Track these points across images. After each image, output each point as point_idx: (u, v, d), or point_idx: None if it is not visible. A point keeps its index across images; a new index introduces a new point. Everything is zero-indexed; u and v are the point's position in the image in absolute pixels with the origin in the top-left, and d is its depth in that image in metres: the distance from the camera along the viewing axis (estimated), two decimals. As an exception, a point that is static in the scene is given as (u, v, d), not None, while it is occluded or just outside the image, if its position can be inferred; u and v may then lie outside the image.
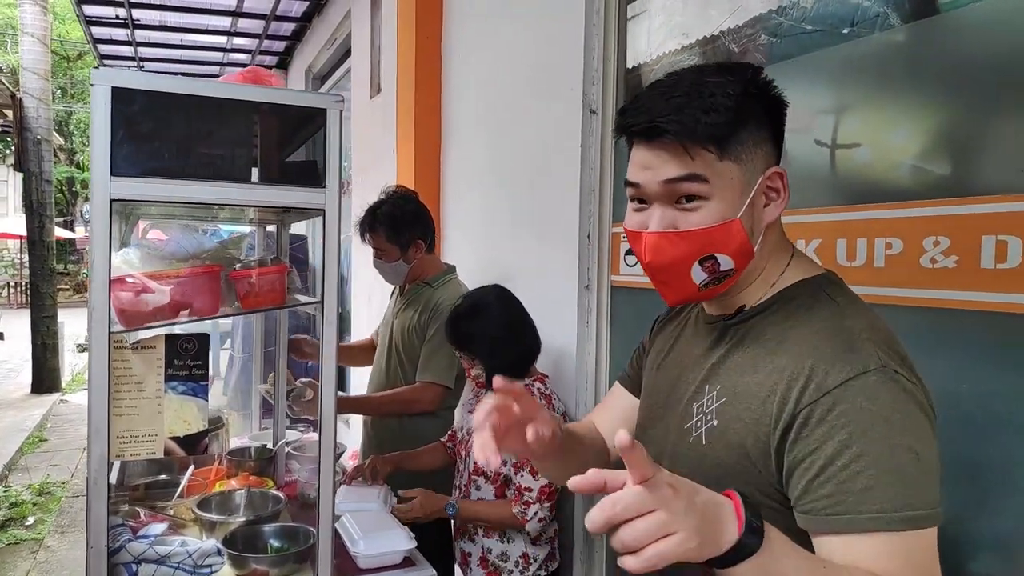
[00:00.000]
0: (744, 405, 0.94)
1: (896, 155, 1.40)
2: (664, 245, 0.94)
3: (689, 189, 0.92)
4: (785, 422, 0.88)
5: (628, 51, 2.23)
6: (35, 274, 8.45)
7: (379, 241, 2.54)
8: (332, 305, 1.66)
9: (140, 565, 1.56)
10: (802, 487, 0.86)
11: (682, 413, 1.05)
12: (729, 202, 0.92)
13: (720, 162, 0.91)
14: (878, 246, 1.41)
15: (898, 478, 0.82)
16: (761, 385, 0.92)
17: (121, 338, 1.52)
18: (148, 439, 1.55)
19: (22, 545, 4.50)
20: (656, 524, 0.67)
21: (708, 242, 0.93)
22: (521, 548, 2.07)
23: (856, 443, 0.82)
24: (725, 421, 0.96)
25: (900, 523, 0.81)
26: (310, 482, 2.33)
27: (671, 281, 0.97)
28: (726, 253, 0.93)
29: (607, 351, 2.27)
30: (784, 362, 0.91)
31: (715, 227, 0.92)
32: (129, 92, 1.48)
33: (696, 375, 1.05)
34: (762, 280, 1.01)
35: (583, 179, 2.26)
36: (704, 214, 0.92)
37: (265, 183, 1.65)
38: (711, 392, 1.00)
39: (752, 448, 0.91)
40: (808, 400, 0.86)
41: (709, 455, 0.97)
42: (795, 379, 0.88)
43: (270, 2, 5.95)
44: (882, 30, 1.43)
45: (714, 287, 0.97)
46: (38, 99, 8.11)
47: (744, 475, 0.92)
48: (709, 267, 0.94)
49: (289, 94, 1.67)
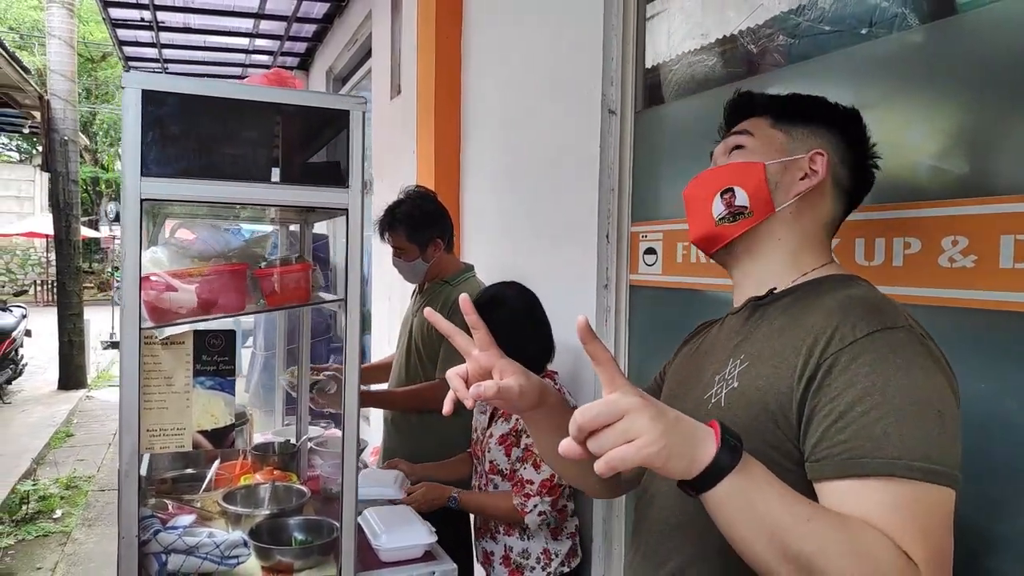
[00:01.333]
0: (768, 363, 0.96)
1: (914, 155, 1.41)
2: (703, 176, 1.15)
3: (737, 140, 1.13)
4: (810, 371, 0.89)
5: (647, 52, 2.24)
6: (62, 273, 8.60)
7: (399, 240, 2.56)
8: (355, 303, 1.70)
9: (169, 555, 1.60)
10: (819, 434, 0.85)
11: (704, 387, 1.07)
12: (762, 154, 1.10)
13: (770, 129, 1.12)
14: (896, 246, 1.42)
15: (918, 430, 0.81)
16: (786, 344, 0.95)
17: (151, 334, 1.56)
18: (177, 432, 1.59)
19: (50, 537, 4.59)
20: (622, 430, 0.71)
21: (731, 175, 1.10)
22: (542, 544, 2.06)
23: (879, 391, 0.83)
24: (746, 381, 0.98)
25: (915, 472, 0.79)
26: (332, 477, 2.37)
27: (697, 211, 1.14)
28: (743, 187, 1.08)
29: (625, 350, 2.28)
30: (812, 322, 0.94)
31: (743, 164, 1.10)
32: (159, 95, 1.53)
33: (722, 354, 1.09)
34: (793, 264, 1.09)
35: (602, 179, 2.28)
36: (738, 156, 1.12)
37: (290, 183, 1.69)
38: (734, 361, 1.03)
39: (772, 402, 0.92)
40: (833, 349, 0.87)
41: (726, 416, 0.97)
42: (821, 333, 0.90)
43: (292, 4, 6.02)
44: (900, 30, 1.43)
45: (729, 224, 1.09)
46: (65, 100, 8.25)
47: (761, 433, 0.92)
48: (727, 200, 1.09)
49: (314, 96, 1.70)
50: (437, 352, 2.53)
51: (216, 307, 1.61)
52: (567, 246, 2.48)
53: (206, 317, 1.61)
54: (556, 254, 2.57)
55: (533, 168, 2.77)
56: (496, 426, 2.10)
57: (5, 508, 4.87)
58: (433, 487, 2.16)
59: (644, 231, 2.19)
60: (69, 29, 8.40)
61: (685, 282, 1.99)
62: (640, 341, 2.26)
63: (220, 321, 1.72)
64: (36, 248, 20.76)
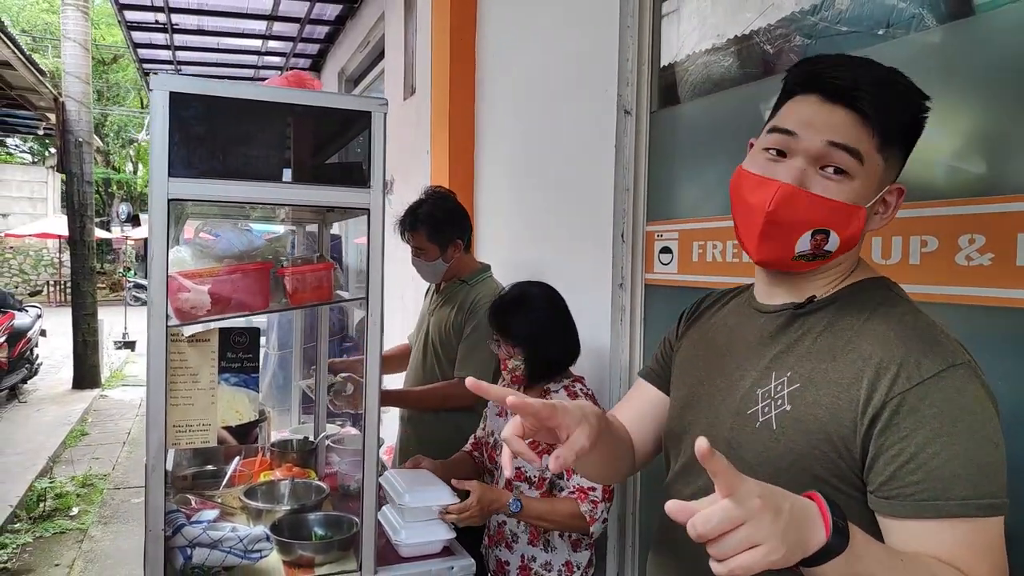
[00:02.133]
0: (825, 391, 0.94)
1: (931, 154, 1.42)
2: (796, 201, 0.95)
3: (843, 160, 0.94)
4: (875, 409, 0.89)
5: (662, 51, 2.26)
6: (76, 273, 8.67)
7: (419, 240, 2.58)
8: (377, 301, 1.72)
9: (194, 549, 1.63)
10: (889, 473, 0.88)
11: (743, 399, 1.04)
12: (865, 190, 0.96)
13: (876, 152, 0.95)
14: (913, 244, 1.43)
15: (982, 468, 0.85)
16: (843, 373, 0.93)
17: (177, 331, 1.59)
18: (202, 428, 1.62)
19: (67, 535, 4.64)
20: (744, 537, 0.70)
21: (833, 216, 0.94)
22: (564, 556, 2.00)
23: (947, 433, 0.86)
24: (802, 407, 0.95)
25: (983, 510, 0.85)
26: (349, 474, 2.40)
27: (777, 237, 0.97)
28: (840, 234, 0.95)
29: (640, 349, 2.30)
30: (869, 350, 0.92)
31: (847, 205, 0.94)
32: (186, 96, 1.56)
33: (758, 361, 1.05)
34: (834, 275, 1.04)
35: (617, 179, 2.30)
36: (842, 189, 0.94)
37: (312, 183, 1.71)
38: (780, 378, 1.00)
39: (835, 433, 0.92)
40: (900, 389, 0.88)
41: (781, 440, 0.96)
42: (885, 368, 0.90)
43: (305, 6, 6.06)
44: (918, 31, 1.45)
45: (805, 262, 0.99)
46: (79, 102, 8.32)
47: (820, 460, 0.93)
48: (817, 241, 0.96)
49: (336, 98, 1.73)
50: (455, 351, 2.55)
51: (239, 305, 1.64)
52: (582, 245, 2.50)
53: (230, 315, 1.64)
54: (571, 253, 2.59)
55: (548, 168, 2.79)
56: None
57: (23, 506, 4.92)
58: (488, 490, 1.89)
59: (660, 230, 2.20)
60: (84, 32, 8.48)
61: (702, 281, 2.01)
62: (655, 340, 2.27)
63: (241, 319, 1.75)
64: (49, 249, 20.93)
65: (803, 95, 0.98)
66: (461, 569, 1.87)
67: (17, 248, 20.52)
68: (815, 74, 0.97)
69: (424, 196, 2.65)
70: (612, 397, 2.33)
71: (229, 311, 1.63)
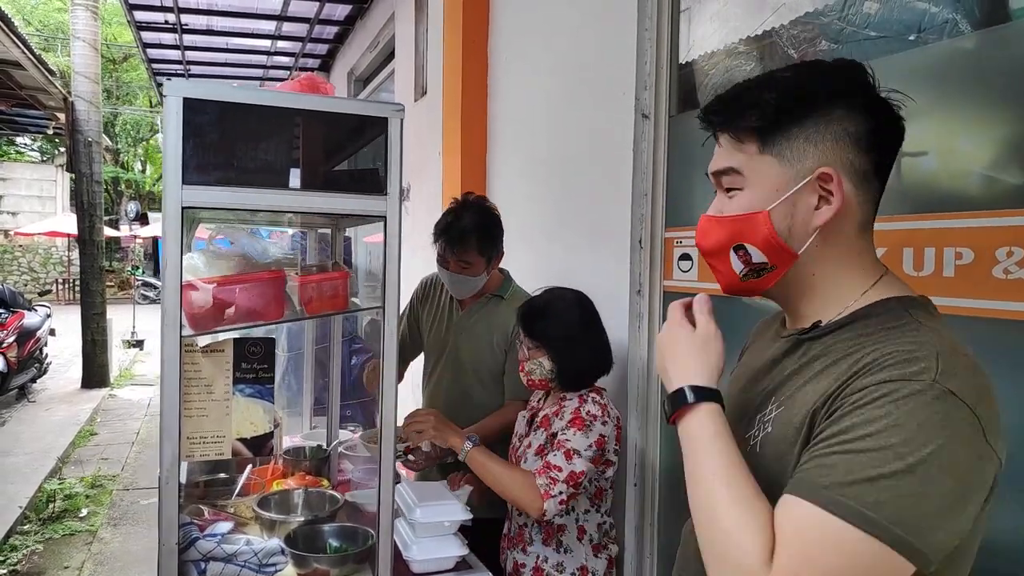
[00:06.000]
0: (797, 411, 0.92)
1: (966, 164, 1.38)
2: (707, 227, 1.02)
3: (729, 182, 0.99)
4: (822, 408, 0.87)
5: (680, 55, 2.22)
6: (85, 272, 8.69)
7: (469, 254, 2.33)
8: (393, 310, 1.69)
9: (208, 563, 1.60)
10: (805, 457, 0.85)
11: (746, 424, 1.03)
12: (760, 196, 0.95)
13: (760, 155, 0.95)
14: (947, 256, 1.39)
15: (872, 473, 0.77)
16: (815, 391, 0.90)
17: (191, 341, 1.56)
18: (216, 440, 1.59)
19: (77, 536, 4.63)
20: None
21: (735, 230, 0.97)
22: (580, 560, 1.96)
23: (853, 431, 0.80)
24: (778, 428, 0.95)
25: (839, 508, 0.77)
26: (363, 482, 2.37)
27: (717, 266, 1.03)
28: (754, 244, 0.96)
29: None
30: (843, 369, 0.88)
31: (740, 216, 0.96)
32: (200, 103, 1.53)
33: (764, 386, 1.04)
34: (836, 293, 0.97)
35: (635, 184, 2.26)
36: (735, 204, 0.98)
37: (328, 190, 1.68)
38: (774, 402, 0.98)
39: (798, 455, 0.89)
40: (845, 394, 0.84)
41: (762, 463, 0.94)
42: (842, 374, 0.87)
43: (314, 6, 6.04)
44: (951, 36, 1.41)
45: (755, 280, 0.99)
46: (89, 102, 8.32)
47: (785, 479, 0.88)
48: (743, 257, 0.98)
49: (352, 103, 1.70)
50: (497, 368, 2.42)
51: (254, 315, 1.61)
52: (598, 252, 2.46)
53: (244, 325, 1.61)
54: (587, 259, 2.55)
55: (564, 172, 2.75)
56: (535, 436, 2.02)
57: (33, 507, 4.92)
58: (447, 423, 2.04)
59: (679, 237, 2.17)
60: (93, 31, 8.48)
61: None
62: (673, 348, 2.23)
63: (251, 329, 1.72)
64: (58, 247, 21.02)
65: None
66: (479, 583, 1.84)
67: (26, 246, 20.62)
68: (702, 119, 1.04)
69: (460, 205, 2.41)
70: (630, 406, 2.30)
71: (243, 321, 1.60)
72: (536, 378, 2.01)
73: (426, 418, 2.05)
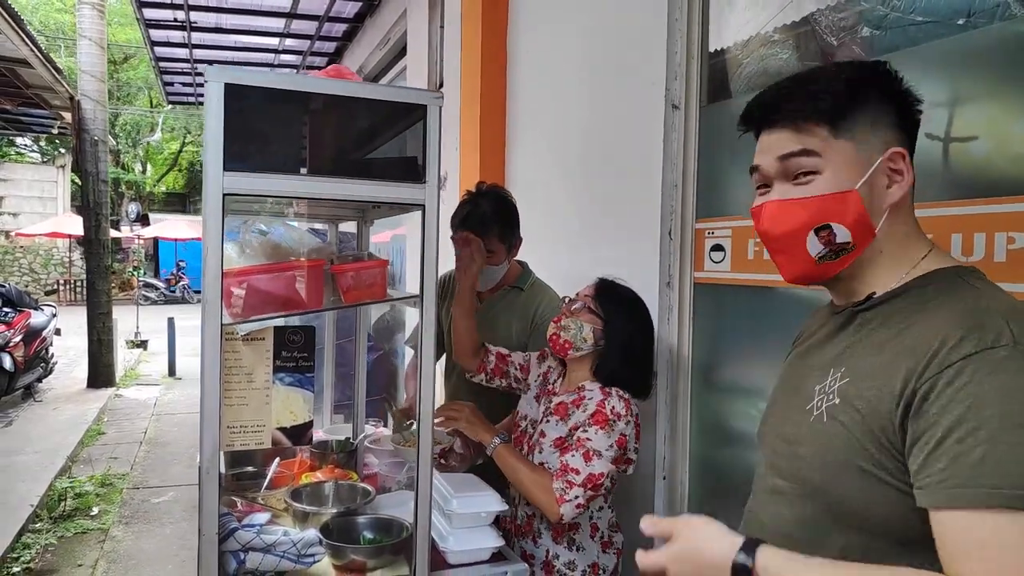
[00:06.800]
0: (868, 383, 0.93)
1: (1017, 148, 1.37)
2: (780, 212, 1.02)
3: (803, 164, 0.99)
4: (907, 397, 0.87)
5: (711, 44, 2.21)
6: (91, 272, 8.67)
7: (491, 242, 2.31)
8: (431, 300, 1.68)
9: (248, 553, 1.59)
10: (920, 461, 0.85)
11: (805, 396, 1.05)
12: (844, 175, 0.98)
13: (834, 140, 0.98)
14: (998, 240, 1.38)
15: (1014, 455, 0.79)
16: (887, 364, 0.92)
17: (232, 330, 1.55)
18: (256, 429, 1.58)
19: (89, 535, 4.61)
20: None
21: (823, 210, 0.98)
22: (592, 557, 1.95)
23: (974, 417, 0.81)
24: (846, 399, 0.96)
25: (1014, 501, 0.77)
26: (390, 475, 2.36)
27: (787, 250, 1.03)
28: (842, 223, 0.97)
29: (689, 349, 2.25)
30: (912, 340, 0.91)
31: (830, 195, 0.98)
32: (240, 89, 1.51)
33: (821, 360, 1.06)
34: (893, 267, 1.01)
35: (665, 175, 2.25)
36: (817, 186, 0.98)
37: (366, 178, 1.66)
38: (835, 374, 1.00)
39: (875, 426, 0.91)
40: (930, 374, 0.85)
41: (828, 431, 0.97)
42: (922, 354, 0.88)
43: (324, 3, 6.03)
44: (1003, 20, 1.40)
45: (831, 261, 1.00)
46: (95, 101, 8.31)
47: (863, 453, 0.92)
48: (825, 237, 0.98)
49: (391, 90, 1.69)
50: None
51: (294, 303, 1.60)
52: (627, 243, 2.45)
53: (284, 314, 1.60)
54: (616, 252, 2.53)
55: (591, 164, 2.74)
56: (550, 426, 1.98)
57: (44, 505, 4.90)
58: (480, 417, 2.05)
59: (711, 227, 2.15)
60: (99, 30, 8.46)
61: (758, 279, 1.96)
62: (705, 341, 2.22)
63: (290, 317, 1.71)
64: (59, 248, 20.97)
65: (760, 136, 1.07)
66: (515, 574, 1.82)
67: (27, 247, 20.57)
68: (745, 118, 1.08)
69: (476, 193, 2.43)
70: (659, 398, 2.28)
71: (283, 309, 1.58)
72: (566, 337, 1.95)
73: (461, 409, 2.05)
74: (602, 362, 1.94)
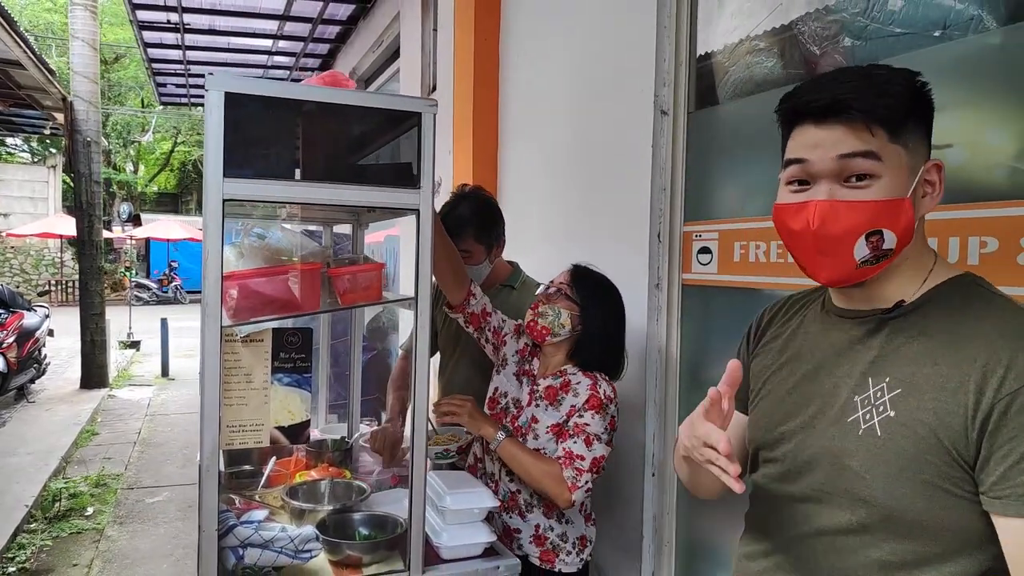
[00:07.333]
0: (931, 396, 0.94)
1: (991, 156, 1.42)
2: (837, 212, 0.98)
3: (862, 166, 0.97)
4: (984, 412, 0.89)
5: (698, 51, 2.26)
6: (84, 272, 8.67)
7: (466, 243, 2.38)
8: (426, 302, 1.72)
9: (246, 549, 1.62)
10: (1000, 472, 0.88)
11: (842, 408, 1.04)
12: (899, 183, 0.97)
13: (890, 144, 0.97)
14: (972, 244, 1.43)
15: None
16: (948, 376, 0.93)
17: (232, 331, 1.59)
18: (255, 428, 1.62)
19: (84, 535, 4.64)
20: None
21: (879, 215, 0.96)
22: (580, 530, 2.05)
23: None
24: (906, 412, 0.96)
25: None
26: (384, 473, 2.40)
27: (833, 252, 1.00)
28: (894, 230, 0.97)
29: (677, 350, 2.30)
30: (972, 352, 0.92)
31: (888, 201, 0.96)
32: (239, 97, 1.55)
33: (851, 368, 1.05)
34: (912, 275, 1.03)
35: (654, 179, 2.30)
36: (875, 191, 0.97)
37: (362, 184, 1.71)
38: (879, 384, 1.00)
39: (945, 439, 0.92)
40: (1009, 389, 0.88)
41: (889, 446, 0.96)
42: (992, 369, 0.90)
43: (317, 6, 6.06)
44: (977, 32, 1.45)
45: (870, 267, 1.00)
46: (88, 102, 8.31)
47: (930, 465, 0.93)
48: (874, 243, 0.97)
49: (387, 98, 1.73)
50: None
51: (292, 306, 1.64)
52: (616, 245, 2.50)
53: (282, 316, 1.64)
54: (606, 254, 2.57)
55: (582, 168, 2.78)
56: (540, 410, 2.03)
57: (38, 506, 4.92)
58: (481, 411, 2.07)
59: (698, 230, 2.20)
60: (92, 31, 8.47)
61: (744, 281, 2.01)
62: (693, 340, 2.27)
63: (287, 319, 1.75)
64: (50, 248, 20.88)
65: (799, 127, 1.02)
66: (507, 569, 1.87)
67: (18, 248, 20.47)
68: (797, 107, 1.02)
69: (456, 195, 2.52)
70: (648, 400, 2.33)
71: (281, 312, 1.63)
72: (543, 324, 2.01)
73: (462, 404, 2.06)
74: (579, 347, 2.01)
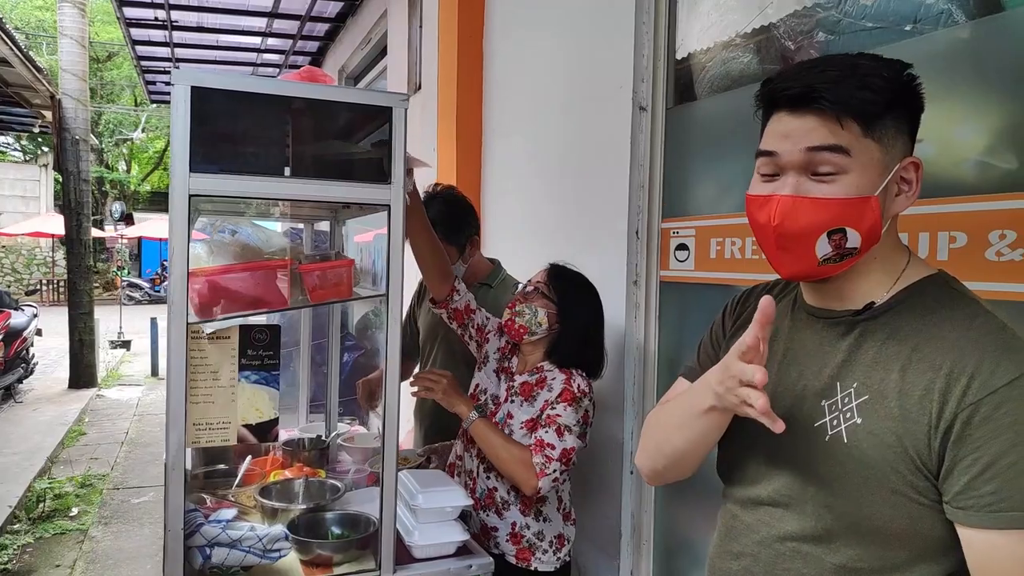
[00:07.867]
0: (896, 403, 0.92)
1: (960, 150, 1.42)
2: (798, 209, 0.94)
3: (829, 160, 0.93)
4: (947, 421, 0.88)
5: (677, 48, 2.25)
6: (73, 272, 8.62)
7: None
8: (397, 299, 1.71)
9: (213, 548, 1.61)
10: (963, 483, 0.86)
11: (808, 411, 1.01)
12: (867, 180, 0.93)
13: (863, 139, 0.93)
14: (941, 239, 1.43)
15: None
16: (914, 383, 0.92)
17: (198, 328, 1.57)
18: (222, 427, 1.60)
19: (68, 535, 4.61)
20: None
21: (842, 214, 0.93)
22: (558, 528, 2.03)
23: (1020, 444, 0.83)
24: (874, 420, 0.94)
25: None
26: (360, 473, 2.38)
27: (794, 249, 0.96)
28: (857, 229, 0.93)
29: (655, 346, 2.29)
30: (939, 359, 0.90)
31: (853, 199, 0.93)
32: (207, 91, 1.54)
33: (819, 370, 1.02)
34: (883, 275, 1.00)
35: (632, 176, 2.29)
36: (841, 187, 0.93)
37: (332, 179, 1.69)
38: (846, 390, 0.98)
39: (910, 447, 0.91)
40: (972, 398, 0.86)
41: (854, 454, 0.95)
42: (956, 377, 0.88)
43: (305, 3, 6.03)
44: (946, 27, 1.44)
45: (833, 265, 0.97)
46: (76, 100, 8.26)
47: (895, 474, 0.92)
48: (836, 241, 0.94)
49: (357, 93, 1.72)
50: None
51: (260, 303, 1.63)
52: (595, 242, 2.49)
53: (250, 312, 1.63)
54: (584, 251, 2.57)
55: (561, 164, 2.77)
56: (515, 406, 2.02)
57: (22, 506, 4.88)
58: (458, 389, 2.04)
59: (675, 227, 2.19)
60: (80, 29, 8.42)
61: (720, 278, 2.00)
62: (670, 336, 2.27)
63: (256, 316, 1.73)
64: (41, 247, 20.80)
65: (776, 114, 0.99)
66: (480, 568, 1.85)
67: (9, 247, 20.40)
68: (772, 93, 0.99)
69: (427, 196, 2.47)
70: (626, 396, 2.32)
71: (249, 308, 1.61)
72: (521, 323, 2.01)
73: (439, 379, 2.03)
74: (557, 345, 2.01)
